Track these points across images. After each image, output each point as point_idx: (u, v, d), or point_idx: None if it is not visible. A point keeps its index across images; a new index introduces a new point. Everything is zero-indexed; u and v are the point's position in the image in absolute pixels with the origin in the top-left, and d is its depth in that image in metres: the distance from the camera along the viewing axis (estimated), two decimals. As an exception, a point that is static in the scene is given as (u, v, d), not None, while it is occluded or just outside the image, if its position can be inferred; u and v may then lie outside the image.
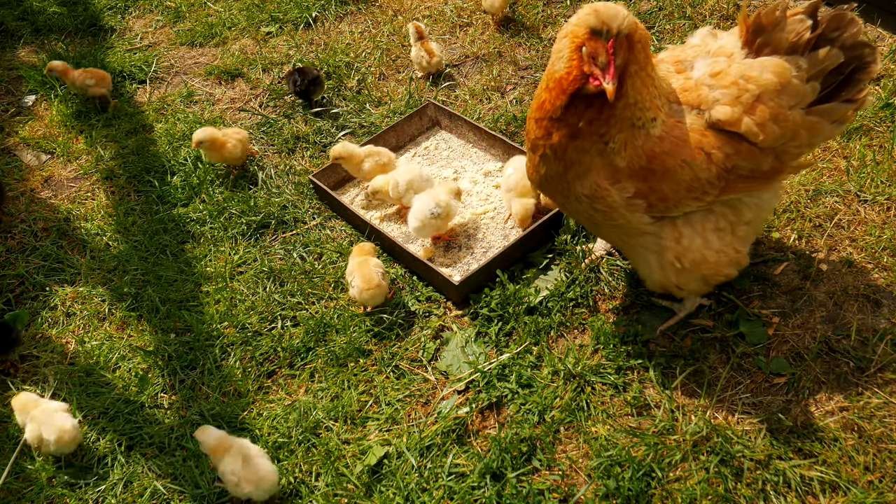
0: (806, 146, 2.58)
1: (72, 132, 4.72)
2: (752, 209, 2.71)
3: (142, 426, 3.06)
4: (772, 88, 2.46)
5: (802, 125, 2.50)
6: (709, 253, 2.70)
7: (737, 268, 2.80)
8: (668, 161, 2.52)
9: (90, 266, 3.81)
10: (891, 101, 3.67)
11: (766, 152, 2.54)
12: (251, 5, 5.64)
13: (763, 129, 2.48)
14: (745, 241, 2.77)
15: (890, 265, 3.06)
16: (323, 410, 2.98)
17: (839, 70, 2.47)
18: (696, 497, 2.49)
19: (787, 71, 2.45)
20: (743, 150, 2.52)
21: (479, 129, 4.06)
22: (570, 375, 2.91)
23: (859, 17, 2.44)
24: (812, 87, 2.47)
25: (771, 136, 2.49)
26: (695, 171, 2.52)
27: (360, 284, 3.19)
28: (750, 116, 2.48)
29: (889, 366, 2.75)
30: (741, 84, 2.48)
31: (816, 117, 2.51)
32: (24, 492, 2.91)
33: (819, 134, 2.55)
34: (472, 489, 2.63)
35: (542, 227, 3.40)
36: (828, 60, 2.44)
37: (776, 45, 2.48)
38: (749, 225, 2.74)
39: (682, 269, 2.74)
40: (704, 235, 2.70)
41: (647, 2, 4.73)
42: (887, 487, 2.44)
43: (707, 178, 2.53)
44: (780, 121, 2.48)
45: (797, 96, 2.47)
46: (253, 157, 4.26)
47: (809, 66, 2.45)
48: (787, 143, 2.53)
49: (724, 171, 2.53)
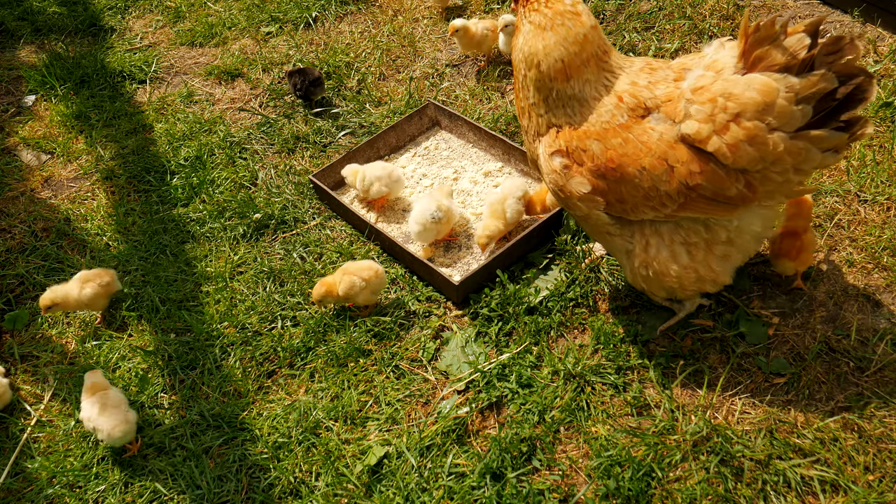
0: (792, 173, 2.43)
1: (72, 132, 4.73)
2: (729, 230, 2.61)
3: (142, 426, 3.06)
4: (753, 108, 2.33)
5: (786, 150, 2.36)
6: (674, 267, 2.68)
7: (712, 286, 2.76)
8: (627, 164, 2.54)
9: (90, 266, 3.81)
10: (891, 101, 3.67)
11: (735, 176, 2.44)
12: (251, 5, 5.64)
13: (735, 150, 2.38)
14: (725, 260, 2.68)
15: (890, 265, 3.06)
16: (323, 410, 2.98)
17: (833, 95, 2.31)
18: (696, 497, 2.49)
19: (775, 91, 2.31)
20: (708, 170, 2.45)
21: (479, 129, 4.06)
22: (570, 375, 2.91)
23: (860, 43, 2.33)
24: (802, 110, 2.32)
25: (744, 158, 2.38)
26: (654, 181, 2.52)
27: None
28: (721, 136, 2.39)
29: (889, 366, 2.75)
30: (719, 102, 2.39)
31: (804, 143, 2.35)
32: (24, 492, 2.91)
33: (808, 161, 2.39)
34: (472, 489, 2.63)
35: (542, 227, 3.40)
36: (821, 84, 2.27)
37: (771, 62, 2.33)
38: (730, 245, 2.64)
39: (648, 278, 2.76)
40: (672, 248, 2.67)
41: (648, 2, 4.73)
42: (887, 487, 2.44)
43: (666, 191, 2.52)
44: (757, 143, 2.35)
45: (783, 118, 2.32)
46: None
47: (801, 88, 2.29)
48: (766, 167, 2.41)
49: (684, 187, 2.49)
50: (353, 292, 3.21)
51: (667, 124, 2.52)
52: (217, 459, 2.92)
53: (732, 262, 2.72)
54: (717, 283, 2.75)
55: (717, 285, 2.77)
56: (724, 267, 2.70)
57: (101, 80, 5.08)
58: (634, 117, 2.58)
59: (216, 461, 2.91)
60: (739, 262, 2.75)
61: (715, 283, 2.74)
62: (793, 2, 4.54)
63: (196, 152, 4.36)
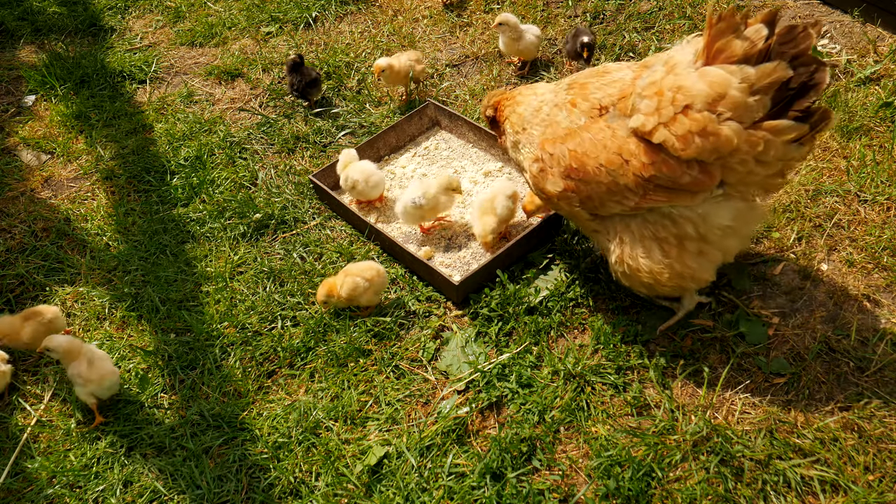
0: (755, 164, 2.44)
1: (72, 132, 4.72)
2: (695, 223, 2.62)
3: (142, 426, 3.06)
4: (703, 99, 2.37)
5: (743, 141, 2.37)
6: (647, 263, 2.72)
7: (693, 282, 2.76)
8: (587, 162, 2.69)
9: (90, 266, 3.81)
10: (890, 101, 3.67)
11: (689, 164, 2.47)
12: (251, 5, 5.64)
13: (685, 141, 2.42)
14: (702, 257, 2.69)
15: (890, 265, 3.06)
16: (323, 410, 2.98)
17: (789, 85, 2.31)
18: (696, 497, 2.49)
19: (727, 82, 2.33)
20: (659, 160, 2.52)
21: (479, 129, 4.06)
22: (570, 375, 2.91)
23: (814, 31, 2.26)
24: (759, 100, 2.33)
25: (694, 148, 2.42)
26: (613, 176, 2.62)
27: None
28: (669, 128, 2.44)
29: (889, 366, 2.75)
30: (667, 95, 2.45)
31: (763, 133, 2.35)
32: (24, 492, 2.91)
33: (769, 151, 2.38)
34: (472, 489, 2.63)
35: (542, 227, 3.40)
36: (775, 74, 2.28)
37: (730, 53, 2.35)
38: (704, 241, 2.66)
39: (626, 274, 2.83)
40: (644, 244, 2.72)
41: (648, 2, 4.73)
42: (887, 487, 2.44)
43: (626, 184, 2.61)
44: (707, 134, 2.38)
45: (736, 109, 2.34)
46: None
47: (757, 78, 2.31)
48: (725, 158, 2.43)
49: (642, 179, 2.56)
50: (356, 293, 3.21)
51: (621, 121, 2.62)
52: (217, 459, 2.92)
53: (711, 258, 2.72)
54: (697, 279, 2.75)
55: (697, 282, 2.77)
56: (700, 264, 2.71)
57: (101, 80, 5.08)
58: (592, 118, 2.74)
59: (216, 461, 2.91)
60: (719, 259, 2.75)
61: (694, 279, 2.74)
62: (793, 2, 4.54)
63: (196, 152, 4.35)
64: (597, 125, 2.69)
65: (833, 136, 3.64)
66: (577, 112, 2.78)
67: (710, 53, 2.40)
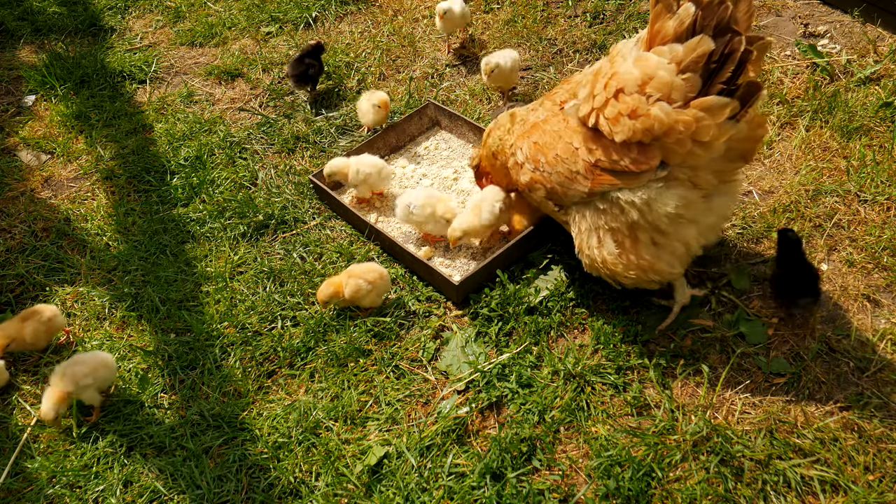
0: (692, 144, 2.42)
1: (72, 132, 4.72)
2: (641, 210, 2.62)
3: (142, 426, 3.06)
4: (633, 83, 2.45)
5: (672, 120, 2.38)
6: (599, 253, 2.81)
7: (655, 274, 2.76)
8: (547, 152, 2.87)
9: (90, 266, 3.81)
10: (890, 101, 3.67)
11: (627, 148, 2.55)
12: (251, 5, 5.64)
13: (616, 123, 2.51)
14: (658, 248, 2.71)
15: (890, 265, 3.06)
16: (323, 410, 2.98)
17: (713, 59, 2.31)
18: (696, 497, 2.49)
19: (654, 64, 2.38)
20: (601, 144, 2.64)
21: (479, 129, 4.06)
22: (570, 375, 2.91)
23: (730, 1, 2.28)
24: (688, 79, 2.34)
25: (626, 131, 2.49)
26: (568, 164, 2.77)
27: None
28: (601, 113, 2.56)
29: (889, 366, 2.75)
30: (600, 81, 2.56)
31: (693, 111, 2.36)
32: (24, 492, 2.91)
33: (706, 131, 2.37)
34: (472, 489, 2.63)
35: (542, 228, 3.40)
36: (699, 48, 2.29)
37: (664, 35, 2.39)
38: (656, 231, 2.66)
39: (588, 265, 2.94)
40: (598, 234, 2.80)
41: (647, 2, 4.73)
42: (887, 487, 2.44)
43: (577, 171, 2.74)
44: (637, 115, 2.44)
45: (664, 89, 2.38)
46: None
47: (683, 55, 2.33)
48: (661, 139, 2.45)
49: (590, 164, 2.69)
50: (359, 295, 3.21)
51: (572, 111, 2.78)
52: (217, 459, 2.92)
53: (669, 250, 2.71)
54: (658, 271, 2.75)
55: (659, 274, 2.77)
56: (656, 255, 2.72)
57: (101, 80, 5.08)
58: (553, 113, 2.94)
59: (216, 461, 2.91)
60: (681, 251, 2.72)
61: (655, 271, 2.75)
62: (793, 2, 4.54)
63: (196, 152, 4.35)
64: (555, 118, 2.89)
65: (833, 136, 3.64)
66: (541, 110, 3.04)
67: (651, 37, 2.47)
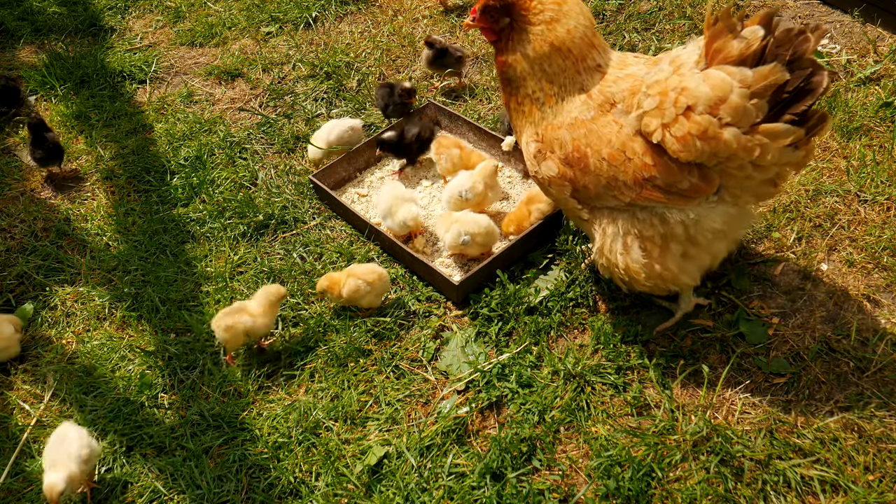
0: (752, 169, 2.42)
1: (72, 132, 4.72)
2: (686, 224, 2.60)
3: (142, 426, 3.06)
4: (705, 102, 2.34)
5: (741, 146, 2.35)
6: (622, 259, 2.72)
7: (674, 285, 2.75)
8: (590, 154, 2.67)
9: (90, 266, 3.81)
10: (890, 101, 3.67)
11: (689, 169, 2.46)
12: (251, 5, 5.64)
13: (684, 143, 2.41)
14: (686, 260, 2.68)
15: (890, 265, 3.06)
16: (323, 410, 2.98)
17: (785, 89, 2.28)
18: (696, 497, 2.49)
19: (728, 85, 2.30)
20: (661, 163, 2.51)
21: (479, 129, 4.06)
22: (570, 375, 2.91)
23: (812, 35, 2.24)
24: (757, 105, 2.30)
25: (693, 152, 2.40)
26: (613, 171, 2.61)
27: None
28: (669, 129, 2.43)
29: (889, 366, 2.75)
30: (670, 96, 2.42)
31: (759, 138, 2.33)
32: (24, 492, 2.91)
33: (766, 155, 2.35)
34: (472, 489, 2.63)
35: (542, 228, 3.40)
36: (772, 76, 2.25)
37: (727, 54, 2.33)
38: (691, 244, 2.64)
39: (603, 266, 2.86)
40: (625, 240, 2.72)
41: (647, 2, 4.73)
42: (887, 487, 2.44)
43: (624, 181, 2.61)
44: (708, 137, 2.36)
45: (736, 113, 2.31)
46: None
47: (754, 81, 2.27)
48: (723, 163, 2.42)
49: (641, 178, 2.56)
50: (357, 295, 3.21)
51: (628, 118, 2.60)
52: (217, 459, 2.92)
53: (697, 262, 2.70)
54: (678, 283, 2.74)
55: (677, 285, 2.76)
56: (682, 266, 2.69)
57: (101, 80, 5.08)
58: (602, 112, 2.69)
59: (216, 461, 2.91)
60: (707, 263, 2.74)
61: (675, 282, 2.74)
62: (793, 2, 4.54)
63: (196, 152, 4.35)
64: (605, 118, 2.66)
65: (833, 136, 3.64)
66: (591, 104, 2.72)
67: (709, 54, 2.39)
